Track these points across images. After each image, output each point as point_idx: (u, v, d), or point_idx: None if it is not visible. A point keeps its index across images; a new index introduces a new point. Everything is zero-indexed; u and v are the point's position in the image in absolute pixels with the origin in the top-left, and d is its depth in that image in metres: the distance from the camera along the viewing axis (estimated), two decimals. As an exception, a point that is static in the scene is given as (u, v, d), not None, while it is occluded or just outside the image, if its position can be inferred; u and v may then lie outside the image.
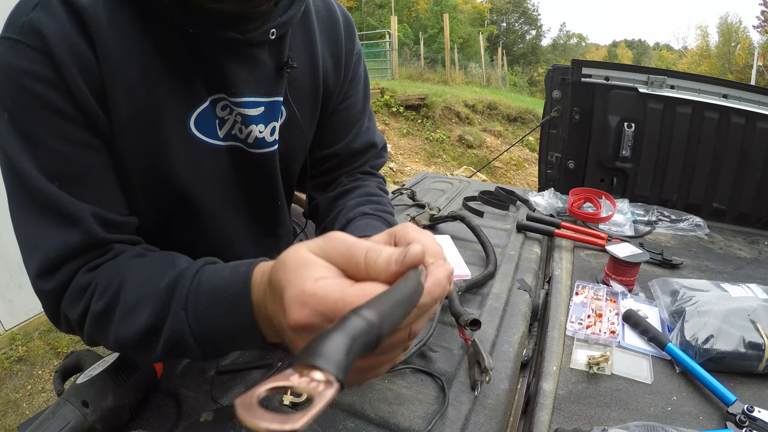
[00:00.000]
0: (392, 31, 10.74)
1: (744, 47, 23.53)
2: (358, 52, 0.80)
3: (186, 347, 0.47)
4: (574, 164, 1.67)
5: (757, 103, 1.37)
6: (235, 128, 0.65)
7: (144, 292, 0.49)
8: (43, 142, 0.50)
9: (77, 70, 0.50)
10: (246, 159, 0.68)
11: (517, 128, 8.80)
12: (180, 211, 0.66)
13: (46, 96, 0.49)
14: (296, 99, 0.69)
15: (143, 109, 0.56)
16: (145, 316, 0.47)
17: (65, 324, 0.56)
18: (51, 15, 0.49)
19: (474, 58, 18.21)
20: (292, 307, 0.33)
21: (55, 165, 0.51)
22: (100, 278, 0.52)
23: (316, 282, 0.33)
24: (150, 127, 0.57)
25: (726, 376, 0.72)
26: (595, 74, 1.51)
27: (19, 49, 0.48)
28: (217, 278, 0.46)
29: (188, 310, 0.45)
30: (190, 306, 0.45)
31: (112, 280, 0.51)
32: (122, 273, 0.52)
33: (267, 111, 0.66)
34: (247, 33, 0.58)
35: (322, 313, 0.32)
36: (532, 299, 0.99)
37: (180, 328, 0.46)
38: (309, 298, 0.32)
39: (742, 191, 1.45)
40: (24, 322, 2.69)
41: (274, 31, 0.61)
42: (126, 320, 0.49)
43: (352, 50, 0.78)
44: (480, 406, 0.67)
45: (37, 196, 0.51)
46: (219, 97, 0.61)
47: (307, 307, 0.32)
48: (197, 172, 0.63)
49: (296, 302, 0.33)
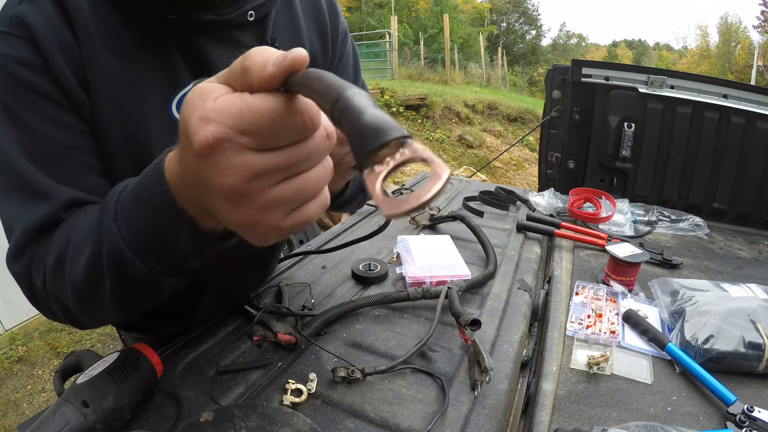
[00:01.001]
0: (392, 31, 10.74)
1: (744, 47, 23.53)
2: (344, 30, 0.82)
3: (129, 266, 0.45)
4: (574, 164, 1.67)
5: (757, 103, 1.37)
6: None
7: (87, 228, 0.48)
8: (29, 124, 0.53)
9: (62, 57, 0.53)
10: None
11: (517, 128, 8.80)
12: None
13: (33, 80, 0.52)
14: None
15: (125, 97, 0.57)
16: (87, 248, 0.47)
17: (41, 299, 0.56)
18: (36, 7, 0.52)
19: (474, 58, 18.21)
20: (198, 130, 0.30)
21: (39, 146, 0.53)
22: (54, 238, 0.52)
23: (215, 100, 0.31)
24: (133, 114, 0.58)
25: (726, 376, 0.72)
26: (595, 74, 1.51)
27: (7, 39, 0.52)
28: (138, 179, 0.44)
29: (118, 220, 0.44)
30: (119, 215, 0.44)
31: (63, 234, 0.52)
32: (71, 223, 0.52)
33: None
34: (224, 15, 0.60)
35: (229, 124, 0.30)
36: (532, 299, 0.99)
37: (115, 242, 0.44)
38: (211, 113, 0.30)
39: (742, 191, 1.45)
40: (24, 322, 2.69)
41: (252, 13, 0.62)
42: (74, 260, 0.49)
43: (337, 29, 0.79)
44: (480, 406, 0.67)
45: (18, 179, 0.53)
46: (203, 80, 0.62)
47: (211, 122, 0.30)
48: None
49: (199, 123, 0.30)
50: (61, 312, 0.55)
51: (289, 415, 0.60)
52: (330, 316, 0.83)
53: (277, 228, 0.34)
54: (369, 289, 1.00)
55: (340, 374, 0.69)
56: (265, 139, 0.31)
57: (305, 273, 1.06)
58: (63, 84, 0.53)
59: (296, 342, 0.76)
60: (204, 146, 0.30)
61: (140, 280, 0.46)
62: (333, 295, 0.96)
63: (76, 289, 0.50)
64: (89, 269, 0.47)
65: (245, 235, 0.35)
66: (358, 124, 0.25)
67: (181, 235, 0.41)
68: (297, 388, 0.67)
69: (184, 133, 0.32)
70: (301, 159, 0.32)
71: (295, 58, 0.30)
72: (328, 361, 0.74)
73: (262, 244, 0.35)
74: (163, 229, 0.41)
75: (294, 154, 0.32)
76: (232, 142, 0.30)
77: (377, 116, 0.25)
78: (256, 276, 0.94)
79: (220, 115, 0.30)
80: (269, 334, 0.75)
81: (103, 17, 0.55)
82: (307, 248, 1.17)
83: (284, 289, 0.93)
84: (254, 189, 0.32)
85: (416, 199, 0.24)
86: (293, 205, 0.34)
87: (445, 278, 0.98)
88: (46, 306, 0.56)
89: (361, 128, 0.25)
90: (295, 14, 0.73)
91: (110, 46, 0.55)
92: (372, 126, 0.25)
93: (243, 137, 0.30)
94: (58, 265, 0.50)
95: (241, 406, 0.61)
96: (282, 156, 0.31)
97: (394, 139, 0.24)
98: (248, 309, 0.85)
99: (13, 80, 0.52)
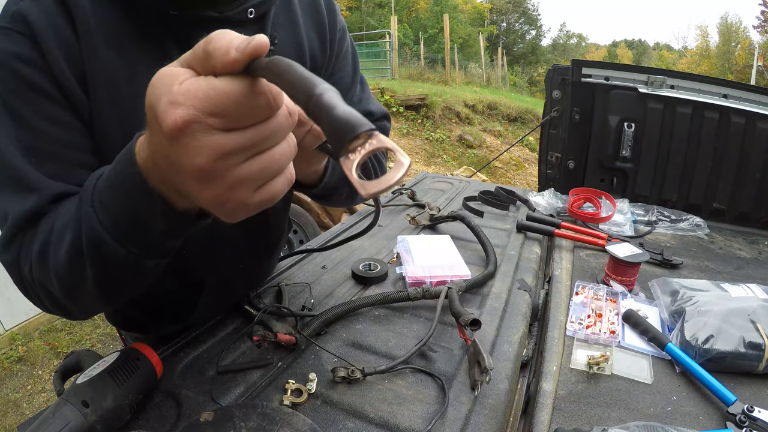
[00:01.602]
0: (392, 31, 10.74)
1: (744, 47, 23.53)
2: (342, 28, 0.83)
3: (107, 249, 0.45)
4: (574, 164, 1.67)
5: (757, 103, 1.37)
6: None
7: (68, 216, 0.49)
8: (27, 120, 0.53)
9: (61, 53, 0.53)
10: None
11: (517, 128, 8.80)
12: None
13: (32, 77, 0.53)
14: None
15: (124, 94, 0.58)
16: (69, 235, 0.48)
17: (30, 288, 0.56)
18: (38, 4, 0.53)
19: (474, 58, 18.21)
20: (166, 113, 0.31)
21: (35, 142, 0.54)
22: (39, 228, 0.53)
23: (181, 84, 0.32)
24: (130, 112, 0.58)
25: (726, 376, 0.72)
26: (595, 74, 1.52)
27: (9, 35, 0.52)
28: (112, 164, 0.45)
29: (95, 205, 0.45)
30: (95, 200, 0.45)
31: (47, 223, 0.52)
32: (56, 213, 0.53)
33: None
34: (224, 12, 0.61)
35: (197, 107, 0.31)
36: (532, 299, 0.99)
37: (92, 225, 0.45)
38: (180, 96, 0.31)
39: (742, 191, 1.45)
40: (24, 322, 2.69)
41: (252, 10, 0.63)
42: (57, 247, 0.50)
43: (335, 26, 0.80)
44: (480, 406, 0.67)
45: (11, 173, 0.53)
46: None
47: (180, 105, 0.31)
48: None
49: (168, 107, 0.31)
50: (48, 300, 0.56)
51: (289, 415, 0.60)
52: (330, 316, 0.83)
53: (246, 204, 0.36)
54: (369, 289, 1.00)
55: (340, 374, 0.69)
56: (232, 119, 0.32)
57: (305, 273, 1.06)
58: (61, 81, 0.54)
59: (296, 342, 0.76)
60: (174, 129, 0.31)
61: (120, 263, 0.47)
62: (333, 295, 0.96)
63: (59, 276, 0.51)
64: (71, 255, 0.48)
65: (216, 212, 0.37)
66: (332, 118, 0.29)
67: (155, 216, 0.42)
68: (297, 388, 0.67)
69: (153, 117, 0.33)
70: (266, 137, 0.34)
71: (257, 45, 0.32)
72: (328, 361, 0.74)
73: (233, 220, 0.37)
74: (136, 211, 0.42)
75: (259, 133, 0.33)
76: (200, 124, 0.31)
77: (348, 111, 0.29)
78: (255, 275, 0.94)
79: (187, 98, 0.31)
80: (269, 334, 0.75)
81: (104, 13, 0.56)
82: (307, 248, 1.17)
83: (284, 289, 0.93)
84: (223, 168, 0.33)
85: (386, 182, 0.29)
86: (260, 181, 0.35)
87: (445, 278, 0.98)
88: (35, 294, 0.57)
89: (335, 122, 0.29)
90: (294, 13, 0.73)
91: (110, 42, 0.56)
92: (344, 120, 0.28)
93: (211, 118, 0.32)
94: (42, 254, 0.51)
95: (241, 406, 0.61)
96: (248, 135, 0.33)
97: (364, 132, 0.28)
98: (248, 309, 0.85)
99: (13, 76, 0.52)
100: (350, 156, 0.29)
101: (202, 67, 0.33)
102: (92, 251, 0.46)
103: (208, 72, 0.32)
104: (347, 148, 0.29)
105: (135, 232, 0.45)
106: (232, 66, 0.32)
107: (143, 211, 0.42)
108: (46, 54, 0.52)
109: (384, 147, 0.29)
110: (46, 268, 0.51)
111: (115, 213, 0.44)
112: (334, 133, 0.29)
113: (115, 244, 0.45)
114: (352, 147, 0.29)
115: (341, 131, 0.28)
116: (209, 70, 0.32)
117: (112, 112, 0.57)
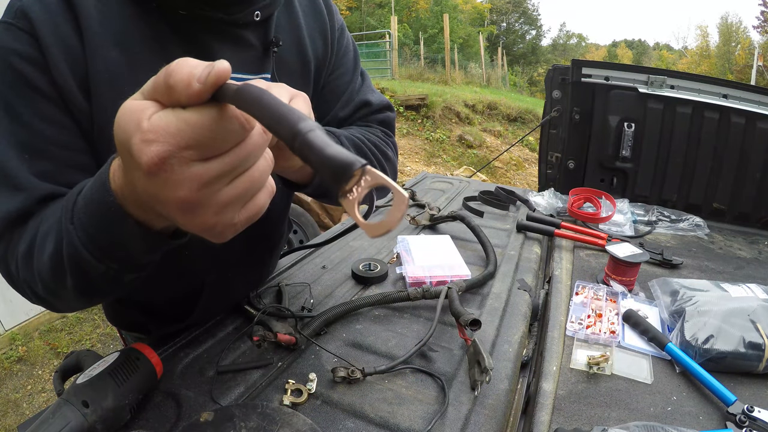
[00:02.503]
0: (392, 31, 10.73)
1: (744, 47, 23.53)
2: (341, 26, 0.84)
3: (87, 265, 0.46)
4: (574, 164, 1.67)
5: (757, 103, 1.37)
6: None
7: (52, 222, 0.50)
8: (21, 117, 0.53)
9: (61, 53, 0.53)
10: None
11: (517, 128, 8.80)
12: None
13: (30, 74, 0.53)
14: (285, 77, 0.72)
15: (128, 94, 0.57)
16: (51, 242, 0.49)
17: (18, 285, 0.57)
18: (41, 1, 0.53)
19: (474, 58, 18.20)
20: (142, 151, 0.31)
21: (28, 139, 0.54)
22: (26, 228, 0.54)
23: (150, 119, 0.32)
24: None
25: (726, 376, 0.72)
26: (595, 74, 1.51)
27: (10, 31, 0.52)
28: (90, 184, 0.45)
29: (74, 222, 0.45)
30: (75, 217, 0.45)
31: (33, 225, 0.53)
32: (41, 215, 0.53)
33: None
34: (232, 14, 0.61)
35: (171, 142, 0.31)
36: (532, 299, 0.99)
37: (72, 242, 0.45)
38: (151, 134, 0.31)
39: (742, 191, 1.45)
40: (24, 322, 2.69)
41: (258, 13, 0.64)
42: (40, 252, 0.50)
43: (335, 25, 0.81)
44: (480, 406, 0.67)
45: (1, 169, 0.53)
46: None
47: (153, 142, 0.31)
48: None
49: (142, 145, 0.31)
50: (34, 296, 0.56)
51: (289, 415, 0.60)
52: (330, 316, 0.83)
53: (233, 224, 0.36)
54: (369, 289, 1.00)
55: (340, 374, 0.69)
56: (208, 148, 0.32)
57: (305, 273, 1.06)
58: (58, 81, 0.53)
59: (296, 342, 0.76)
60: (152, 166, 0.31)
61: (99, 276, 0.47)
62: (333, 295, 0.96)
63: (43, 279, 0.51)
64: (53, 262, 0.49)
65: (205, 236, 0.37)
66: (323, 160, 0.29)
67: (132, 238, 0.42)
68: (297, 388, 0.67)
69: (127, 154, 0.33)
70: (244, 158, 0.34)
71: (218, 73, 0.31)
72: (328, 361, 0.74)
73: (222, 240, 0.38)
74: (114, 234, 0.43)
75: (237, 156, 0.33)
76: (177, 158, 0.31)
77: (338, 151, 0.29)
78: (255, 276, 0.94)
79: (160, 134, 0.31)
80: (269, 334, 0.75)
81: (110, 12, 0.55)
82: (305, 244, 1.17)
83: (284, 289, 0.93)
84: (206, 195, 0.33)
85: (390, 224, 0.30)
86: (244, 201, 0.36)
87: (445, 278, 0.98)
88: (22, 289, 0.57)
89: (328, 164, 0.29)
90: (295, 14, 0.74)
91: (115, 40, 0.56)
92: (336, 161, 0.29)
93: (186, 151, 0.31)
94: (27, 255, 0.52)
95: (241, 406, 0.61)
96: (226, 160, 0.33)
97: (358, 170, 0.29)
98: (248, 309, 0.85)
99: (12, 72, 0.52)
100: (349, 196, 0.29)
101: (167, 99, 0.32)
102: (72, 264, 0.47)
103: (174, 104, 0.32)
104: (344, 189, 0.29)
105: (113, 250, 0.45)
106: (197, 98, 0.31)
107: (120, 235, 0.42)
108: (45, 52, 0.52)
109: (379, 183, 0.29)
110: (30, 269, 0.52)
111: (93, 233, 0.44)
112: (329, 176, 0.29)
113: (94, 261, 0.45)
114: (349, 186, 0.29)
115: (336, 174, 0.28)
116: (174, 102, 0.32)
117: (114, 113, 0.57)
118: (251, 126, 0.33)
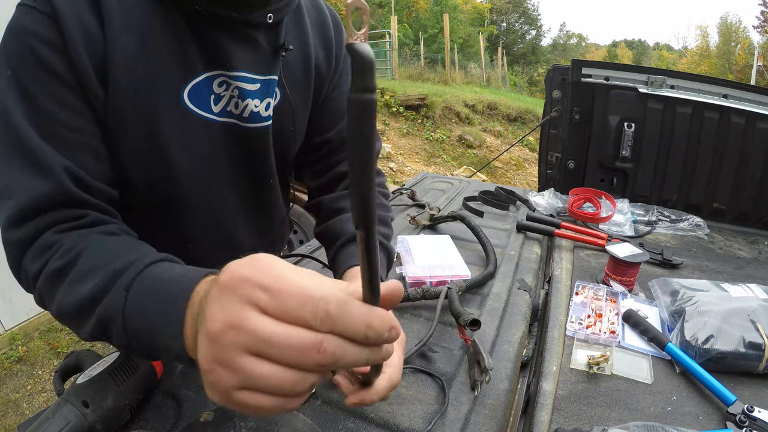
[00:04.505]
0: (392, 31, 10.74)
1: (744, 47, 23.53)
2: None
3: (114, 331, 0.46)
4: (574, 164, 1.67)
5: (757, 103, 1.37)
6: (231, 104, 0.67)
7: (98, 264, 0.49)
8: (37, 100, 0.53)
9: (80, 38, 0.53)
10: (239, 134, 0.69)
11: (517, 128, 8.79)
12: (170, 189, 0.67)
13: (48, 58, 0.52)
14: (289, 83, 0.73)
15: (141, 79, 0.58)
16: (90, 286, 0.48)
17: (24, 279, 0.56)
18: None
19: (474, 58, 18.20)
20: (216, 339, 0.33)
21: (44, 123, 0.53)
22: (66, 241, 0.52)
23: (266, 329, 0.32)
24: (145, 97, 0.59)
25: (726, 376, 0.72)
26: (595, 74, 1.51)
27: (31, 14, 0.52)
28: (168, 272, 0.46)
29: (130, 291, 0.45)
30: (133, 288, 0.45)
31: (76, 246, 0.51)
32: (87, 242, 0.52)
33: (263, 88, 0.69)
34: (247, 14, 0.62)
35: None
36: (532, 299, 0.99)
37: (116, 305, 0.45)
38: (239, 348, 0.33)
39: (742, 191, 1.45)
40: (24, 322, 2.69)
41: (271, 15, 0.65)
42: (73, 286, 0.49)
43: (341, 41, 0.82)
44: (480, 406, 0.67)
45: (22, 146, 0.53)
46: (217, 73, 0.64)
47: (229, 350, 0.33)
48: (188, 145, 0.65)
49: (221, 338, 0.33)
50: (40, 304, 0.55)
51: (289, 415, 0.60)
52: (330, 316, 0.83)
53: (227, 392, 0.35)
54: (369, 289, 1.00)
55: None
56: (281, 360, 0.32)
57: (305, 273, 1.05)
58: (76, 65, 0.53)
59: (296, 342, 0.75)
60: (214, 332, 0.34)
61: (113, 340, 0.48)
62: (333, 295, 0.96)
63: (61, 309, 0.51)
64: (82, 306, 0.48)
65: (203, 376, 0.37)
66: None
67: (169, 348, 0.42)
68: (297, 388, 0.67)
69: (207, 319, 0.34)
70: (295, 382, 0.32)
71: (392, 339, 0.31)
72: (328, 361, 0.74)
73: (210, 394, 0.37)
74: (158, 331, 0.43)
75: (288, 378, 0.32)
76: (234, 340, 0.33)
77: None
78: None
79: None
80: (269, 334, 0.75)
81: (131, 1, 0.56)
82: (307, 247, 1.16)
83: (284, 289, 0.93)
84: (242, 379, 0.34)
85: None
86: (259, 390, 0.34)
87: (445, 278, 0.98)
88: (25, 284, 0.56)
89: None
90: (303, 24, 0.75)
91: (133, 27, 0.56)
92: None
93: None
94: (58, 276, 0.51)
95: (241, 406, 0.61)
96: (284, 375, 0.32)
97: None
98: (248, 309, 0.85)
99: (31, 54, 0.52)
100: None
101: (317, 323, 0.31)
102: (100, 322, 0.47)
103: (326, 330, 0.31)
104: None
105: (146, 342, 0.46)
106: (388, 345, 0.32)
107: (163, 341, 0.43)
108: (65, 36, 0.52)
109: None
110: (53, 291, 0.51)
111: (140, 315, 0.45)
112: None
113: (123, 334, 0.46)
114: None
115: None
116: (325, 328, 0.30)
117: (128, 98, 0.58)
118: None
